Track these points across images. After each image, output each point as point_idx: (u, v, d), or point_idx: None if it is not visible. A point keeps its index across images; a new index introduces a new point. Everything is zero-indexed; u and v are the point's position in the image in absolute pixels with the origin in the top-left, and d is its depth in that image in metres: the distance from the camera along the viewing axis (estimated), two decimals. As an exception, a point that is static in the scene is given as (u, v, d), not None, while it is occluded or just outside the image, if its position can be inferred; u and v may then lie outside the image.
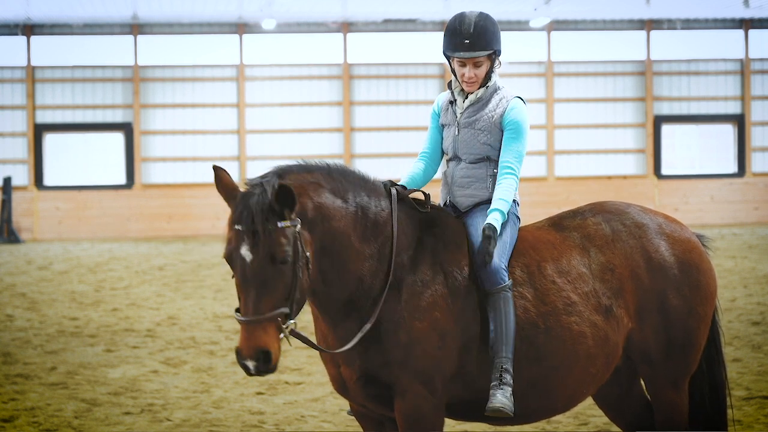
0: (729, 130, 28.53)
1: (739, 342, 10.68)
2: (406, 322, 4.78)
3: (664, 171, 28.08)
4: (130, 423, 8.00)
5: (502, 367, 4.80)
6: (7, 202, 25.18)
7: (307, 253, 4.57)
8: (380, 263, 4.83)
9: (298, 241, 4.52)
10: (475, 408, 4.95)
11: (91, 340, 11.56)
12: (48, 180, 26.60)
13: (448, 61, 5.23)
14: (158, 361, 10.37)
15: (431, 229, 5.00)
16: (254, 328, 4.43)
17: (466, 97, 5.21)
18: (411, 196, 5.10)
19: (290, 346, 4.62)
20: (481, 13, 5.18)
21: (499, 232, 4.95)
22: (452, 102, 5.26)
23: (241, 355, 4.45)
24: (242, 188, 4.62)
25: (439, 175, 5.42)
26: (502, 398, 4.76)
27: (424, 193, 5.13)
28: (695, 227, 6.05)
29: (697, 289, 5.26)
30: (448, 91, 5.34)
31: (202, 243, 23.43)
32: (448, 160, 5.31)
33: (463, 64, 5.13)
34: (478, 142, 5.14)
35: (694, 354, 5.29)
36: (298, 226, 4.54)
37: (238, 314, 4.50)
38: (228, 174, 4.68)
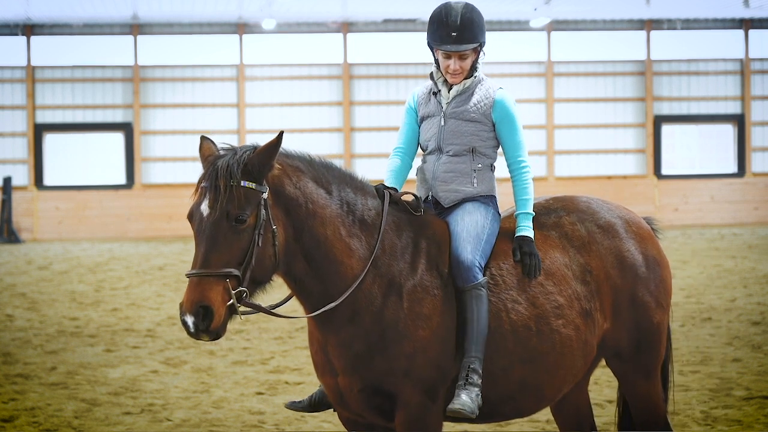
0: (729, 130, 28.53)
1: (739, 342, 10.68)
2: (410, 331, 4.71)
3: (664, 171, 28.09)
4: (130, 423, 7.99)
5: (469, 367, 4.74)
6: (7, 202, 25.19)
7: (274, 227, 4.50)
8: (375, 266, 4.76)
9: (263, 208, 4.47)
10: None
11: (91, 340, 11.55)
12: (48, 180, 26.61)
13: (432, 51, 5.19)
14: (158, 361, 10.36)
15: (424, 232, 4.95)
16: (199, 282, 4.34)
17: (450, 88, 5.18)
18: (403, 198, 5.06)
19: (240, 318, 4.49)
20: (467, 4, 5.11)
21: (482, 228, 4.96)
22: (435, 93, 5.21)
23: (181, 311, 4.34)
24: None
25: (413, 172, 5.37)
26: (465, 399, 4.69)
27: (415, 196, 5.08)
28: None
29: (662, 284, 5.36)
30: (428, 83, 5.29)
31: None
32: (427, 154, 5.24)
33: (448, 56, 5.09)
34: (466, 132, 5.10)
35: (662, 343, 5.40)
36: (266, 193, 4.50)
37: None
38: (212, 144, 4.69)
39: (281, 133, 4.52)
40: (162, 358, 10.55)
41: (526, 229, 5.06)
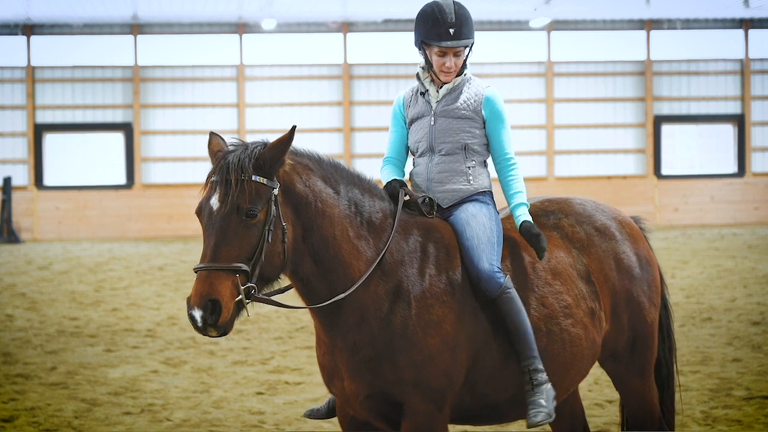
0: (729, 130, 28.53)
1: (739, 342, 10.68)
2: (420, 339, 4.63)
3: (664, 171, 28.09)
4: (130, 423, 7.99)
5: (530, 369, 4.72)
6: (7, 202, 25.19)
7: (284, 224, 4.44)
8: (382, 270, 4.69)
9: (273, 204, 4.41)
10: (472, 411, 4.91)
11: (91, 340, 11.56)
12: (48, 180, 26.60)
13: (421, 51, 5.12)
14: (158, 361, 10.36)
15: (431, 235, 4.88)
16: (208, 275, 4.28)
17: (439, 87, 5.12)
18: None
19: (248, 315, 4.41)
20: (455, 2, 5.07)
21: (479, 225, 4.92)
22: (423, 93, 5.16)
23: (189, 305, 4.26)
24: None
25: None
26: (542, 402, 4.69)
27: (429, 198, 5.02)
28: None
29: (653, 283, 5.42)
30: (412, 85, 5.24)
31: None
32: (418, 157, 5.19)
33: (443, 54, 5.03)
34: (457, 130, 5.05)
35: (655, 341, 5.46)
36: (276, 189, 4.43)
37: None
38: (221, 139, 4.62)
39: (293, 128, 4.46)
40: (162, 358, 10.55)
41: (526, 215, 5.00)
